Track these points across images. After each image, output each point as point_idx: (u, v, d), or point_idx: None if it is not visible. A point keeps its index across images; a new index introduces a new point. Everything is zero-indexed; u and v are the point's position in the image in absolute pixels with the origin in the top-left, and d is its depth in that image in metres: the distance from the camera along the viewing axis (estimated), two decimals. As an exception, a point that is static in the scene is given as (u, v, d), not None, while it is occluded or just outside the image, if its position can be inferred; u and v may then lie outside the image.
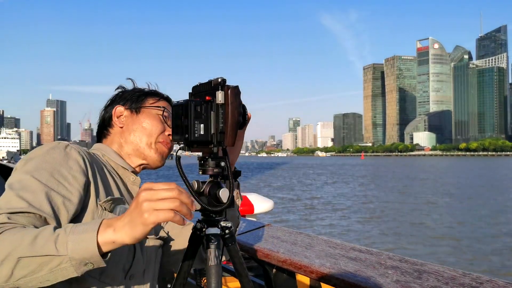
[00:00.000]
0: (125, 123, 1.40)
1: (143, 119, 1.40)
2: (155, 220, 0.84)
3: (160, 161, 1.42)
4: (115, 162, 1.36)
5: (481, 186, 36.03)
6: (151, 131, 1.39)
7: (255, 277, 2.23)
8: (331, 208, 22.79)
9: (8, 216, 0.95)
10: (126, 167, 1.37)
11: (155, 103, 1.44)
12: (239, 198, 1.33)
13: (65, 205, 1.07)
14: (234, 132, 1.11)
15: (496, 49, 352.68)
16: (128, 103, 1.42)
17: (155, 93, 1.49)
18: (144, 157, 1.39)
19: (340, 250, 1.73)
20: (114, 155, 1.37)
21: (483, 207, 22.79)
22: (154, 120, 1.40)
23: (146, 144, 1.38)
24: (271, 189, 34.43)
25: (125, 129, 1.39)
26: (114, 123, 1.41)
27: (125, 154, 1.39)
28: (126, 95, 1.44)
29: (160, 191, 0.86)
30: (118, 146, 1.40)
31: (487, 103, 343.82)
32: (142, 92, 1.46)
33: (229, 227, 1.19)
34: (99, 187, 1.20)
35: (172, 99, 1.50)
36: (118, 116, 1.41)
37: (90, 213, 1.16)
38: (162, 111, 1.42)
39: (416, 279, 1.35)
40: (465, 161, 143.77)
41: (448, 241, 14.75)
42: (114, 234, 0.87)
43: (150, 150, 1.39)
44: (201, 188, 1.14)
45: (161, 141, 1.40)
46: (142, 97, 1.44)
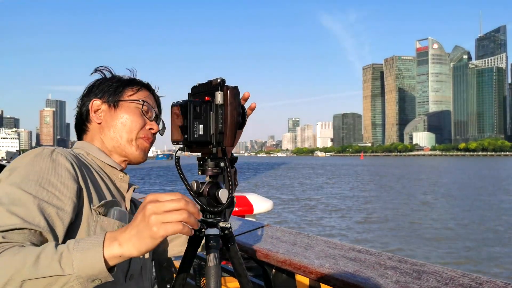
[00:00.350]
0: (104, 119, 1.33)
1: (121, 114, 1.33)
2: (165, 234, 0.82)
3: (142, 157, 1.36)
4: (102, 160, 1.30)
5: (482, 188, 36.05)
6: (131, 127, 1.32)
7: (254, 277, 2.23)
8: (331, 208, 22.80)
9: (3, 235, 0.90)
10: (114, 165, 1.32)
11: (133, 95, 1.36)
12: (236, 183, 1.29)
13: (59, 216, 1.02)
14: (233, 133, 1.11)
15: (496, 49, 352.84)
16: (106, 96, 1.34)
17: (133, 82, 1.39)
18: (125, 154, 1.33)
19: (340, 250, 1.73)
20: (99, 153, 1.31)
21: (484, 208, 22.80)
22: (134, 115, 1.33)
23: (127, 141, 1.32)
24: (271, 189, 34.44)
25: (104, 125, 1.33)
26: (91, 118, 1.33)
27: (107, 151, 1.33)
28: (103, 86, 1.35)
29: (167, 203, 0.84)
30: (99, 143, 1.33)
31: (486, 103, 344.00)
32: (120, 83, 1.36)
33: (229, 228, 1.19)
34: (91, 191, 1.15)
35: (153, 86, 1.44)
36: (96, 111, 1.33)
37: (85, 219, 1.11)
38: (142, 105, 1.35)
39: (416, 279, 1.35)
40: (465, 161, 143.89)
41: (447, 241, 14.76)
42: (121, 248, 0.84)
43: (131, 147, 1.33)
44: (201, 189, 1.14)
45: (142, 137, 1.34)
46: (120, 89, 1.35)
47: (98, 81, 1.38)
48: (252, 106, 1.31)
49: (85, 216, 1.11)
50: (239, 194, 7.62)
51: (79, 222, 1.10)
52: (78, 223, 1.09)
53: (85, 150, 1.30)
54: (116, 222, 1.15)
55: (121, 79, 1.38)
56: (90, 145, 1.32)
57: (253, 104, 1.32)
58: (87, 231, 1.10)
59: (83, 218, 1.11)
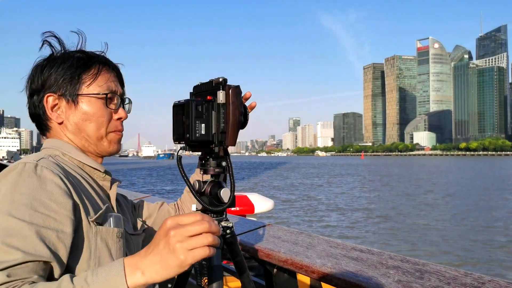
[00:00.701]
0: (65, 117, 1.17)
1: (84, 111, 1.17)
2: (193, 261, 0.79)
3: (116, 149, 1.24)
4: (81, 161, 1.17)
5: (485, 188, 36.03)
6: (97, 125, 1.18)
7: (255, 276, 2.23)
8: (332, 207, 22.79)
9: (7, 273, 0.82)
10: (96, 167, 1.18)
11: (92, 84, 1.17)
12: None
13: (60, 239, 0.93)
14: (235, 132, 1.11)
15: (496, 49, 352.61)
16: (61, 89, 1.15)
17: (89, 63, 1.19)
18: (96, 152, 1.21)
19: (342, 250, 1.72)
20: (77, 153, 1.17)
21: (486, 208, 22.79)
22: (99, 109, 1.18)
23: (96, 139, 1.19)
24: (272, 188, 34.44)
25: (66, 123, 1.17)
26: (50, 117, 1.17)
27: (79, 149, 1.20)
28: (56, 76, 1.15)
29: (190, 227, 0.80)
30: (68, 140, 1.19)
31: (487, 103, 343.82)
32: (74, 68, 1.16)
33: (230, 227, 1.19)
34: (85, 202, 1.05)
35: (117, 66, 1.27)
36: (53, 108, 1.16)
37: (85, 233, 1.03)
38: (105, 98, 1.19)
39: (418, 279, 1.35)
40: (465, 161, 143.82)
41: (450, 241, 14.75)
42: (144, 276, 0.80)
43: (102, 144, 1.20)
44: (202, 188, 1.14)
45: (112, 131, 1.21)
46: (76, 78, 1.16)
47: (45, 65, 1.17)
48: (252, 105, 1.30)
49: (85, 230, 1.03)
50: (240, 193, 7.62)
51: (79, 237, 1.01)
52: (78, 238, 1.01)
53: (60, 151, 1.16)
54: (115, 229, 1.09)
55: (74, 61, 1.17)
56: (65, 144, 1.17)
57: (253, 103, 1.31)
58: (88, 245, 1.03)
59: (83, 232, 1.03)
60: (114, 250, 1.08)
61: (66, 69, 1.15)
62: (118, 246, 1.09)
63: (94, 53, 1.22)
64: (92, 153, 1.21)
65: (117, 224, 1.11)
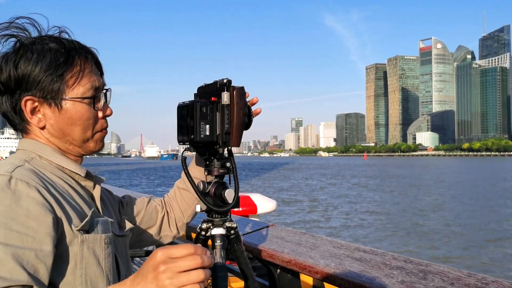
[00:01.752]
0: (47, 123, 1.06)
1: (70, 114, 1.06)
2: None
3: (100, 147, 1.15)
4: (61, 165, 1.06)
5: (489, 189, 35.92)
6: (84, 127, 1.08)
7: (259, 277, 2.23)
8: (335, 208, 22.76)
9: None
10: (76, 171, 1.07)
11: (77, 85, 1.05)
12: None
13: (39, 259, 0.85)
14: (239, 133, 1.11)
15: (499, 49, 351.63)
16: (42, 93, 1.02)
17: (72, 60, 1.05)
18: (79, 153, 1.12)
19: (345, 250, 1.73)
20: (56, 156, 1.06)
21: (490, 208, 22.72)
22: (86, 112, 1.07)
23: (82, 141, 1.10)
24: (274, 189, 34.42)
25: (49, 128, 1.06)
26: (30, 121, 1.05)
27: (59, 151, 1.10)
28: (36, 77, 1.01)
29: (181, 262, 0.74)
30: (48, 142, 1.08)
31: (490, 103, 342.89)
32: (55, 67, 1.02)
33: (235, 228, 1.20)
34: (67, 211, 0.96)
35: (95, 52, 1.13)
36: (32, 111, 1.04)
37: (69, 244, 0.95)
38: (93, 101, 1.08)
39: (421, 279, 1.35)
40: (468, 161, 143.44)
41: (453, 241, 14.71)
42: None
43: (88, 145, 1.11)
44: (207, 189, 1.14)
45: (98, 131, 1.12)
46: (58, 80, 1.03)
47: (18, 59, 1.01)
48: (258, 111, 1.28)
49: (68, 241, 0.94)
50: (243, 194, 7.61)
51: (63, 250, 0.93)
52: (62, 251, 0.93)
53: (36, 153, 1.05)
54: (103, 236, 1.01)
55: (53, 57, 1.02)
56: (42, 146, 1.06)
57: (258, 109, 1.28)
58: (73, 256, 0.95)
59: (67, 244, 0.94)
60: (102, 257, 1.00)
61: (46, 67, 1.01)
62: (107, 253, 1.02)
63: (69, 42, 1.07)
64: (74, 154, 1.11)
65: (105, 229, 1.03)
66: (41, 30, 1.08)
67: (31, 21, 1.07)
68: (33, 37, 1.06)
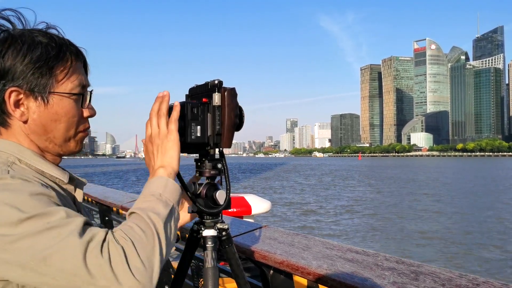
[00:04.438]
0: (30, 117, 0.99)
1: (55, 110, 1.01)
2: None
3: (80, 148, 1.10)
4: (41, 170, 1.00)
5: (483, 188, 36.12)
6: (68, 125, 1.03)
7: (252, 278, 2.23)
8: (328, 209, 22.81)
9: (91, 234, 0.79)
10: (59, 176, 1.03)
11: (66, 80, 1.02)
12: None
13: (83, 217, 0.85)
14: (231, 134, 1.11)
15: (493, 50, 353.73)
16: (29, 85, 0.97)
17: (63, 53, 1.01)
18: (58, 153, 1.07)
19: (337, 251, 1.73)
20: (36, 159, 1.01)
21: (483, 209, 22.85)
22: (72, 109, 1.03)
23: (64, 140, 1.04)
24: (269, 190, 34.43)
25: (32, 124, 1.00)
26: (11, 113, 0.98)
27: (39, 152, 1.04)
28: (24, 68, 0.96)
29: (153, 114, 1.05)
30: (27, 142, 1.01)
31: (484, 104, 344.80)
32: (45, 59, 0.97)
33: (226, 229, 1.19)
34: None
35: (84, 52, 1.08)
36: (15, 104, 0.98)
37: None
38: (81, 98, 1.06)
39: (413, 280, 1.36)
40: (462, 161, 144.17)
41: (445, 242, 14.78)
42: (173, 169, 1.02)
43: (69, 145, 1.06)
44: (198, 190, 1.14)
45: (81, 130, 1.08)
46: (47, 73, 0.98)
47: (5, 49, 0.96)
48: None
49: None
50: (237, 195, 7.62)
51: None
52: None
53: (15, 156, 0.97)
54: None
55: (43, 50, 0.98)
56: (21, 149, 0.99)
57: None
58: None
59: None
60: None
61: (36, 59, 0.96)
62: None
63: (60, 38, 1.03)
64: (52, 153, 1.06)
65: None
66: (26, 25, 1.03)
67: (17, 14, 1.02)
68: (22, 29, 1.01)
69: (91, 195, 4.51)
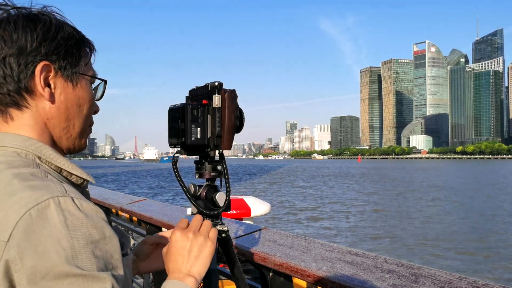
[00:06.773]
0: (57, 99, 0.86)
1: (81, 93, 0.90)
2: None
3: (85, 146, 0.97)
4: (66, 170, 0.85)
5: (482, 190, 36.13)
6: (87, 114, 0.93)
7: (251, 280, 2.23)
8: (328, 211, 22.80)
9: None
10: (86, 177, 0.89)
11: (88, 64, 0.93)
12: None
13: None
14: (230, 136, 1.11)
15: (492, 53, 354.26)
16: (61, 62, 0.86)
17: (85, 39, 0.93)
18: (69, 150, 0.93)
19: (337, 253, 1.73)
20: (57, 156, 0.84)
21: (483, 211, 22.84)
22: (91, 97, 0.94)
23: (81, 130, 0.92)
24: (268, 192, 34.42)
25: (55, 107, 0.86)
26: (39, 90, 0.83)
27: (51, 144, 0.88)
28: (58, 43, 0.85)
29: (193, 226, 0.99)
30: (36, 132, 0.85)
31: (483, 106, 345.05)
32: (74, 39, 0.89)
33: (226, 231, 1.19)
34: None
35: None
36: (45, 81, 0.84)
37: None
38: (104, 84, 0.99)
39: (413, 283, 1.36)
40: (462, 164, 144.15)
41: (445, 245, 14.77)
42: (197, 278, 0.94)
43: (81, 140, 0.94)
44: (198, 192, 1.14)
45: (90, 125, 0.97)
46: (77, 53, 0.90)
47: (36, 22, 0.84)
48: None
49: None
50: (237, 197, 7.62)
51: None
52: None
53: (33, 153, 0.82)
54: (132, 256, 1.02)
55: (71, 31, 0.89)
56: (39, 145, 0.83)
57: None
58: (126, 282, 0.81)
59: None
60: (130, 278, 0.95)
61: (67, 36, 0.87)
62: (131, 274, 0.99)
63: (73, 28, 0.92)
64: (63, 148, 0.92)
65: (128, 247, 0.98)
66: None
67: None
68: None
69: (91, 197, 4.50)
